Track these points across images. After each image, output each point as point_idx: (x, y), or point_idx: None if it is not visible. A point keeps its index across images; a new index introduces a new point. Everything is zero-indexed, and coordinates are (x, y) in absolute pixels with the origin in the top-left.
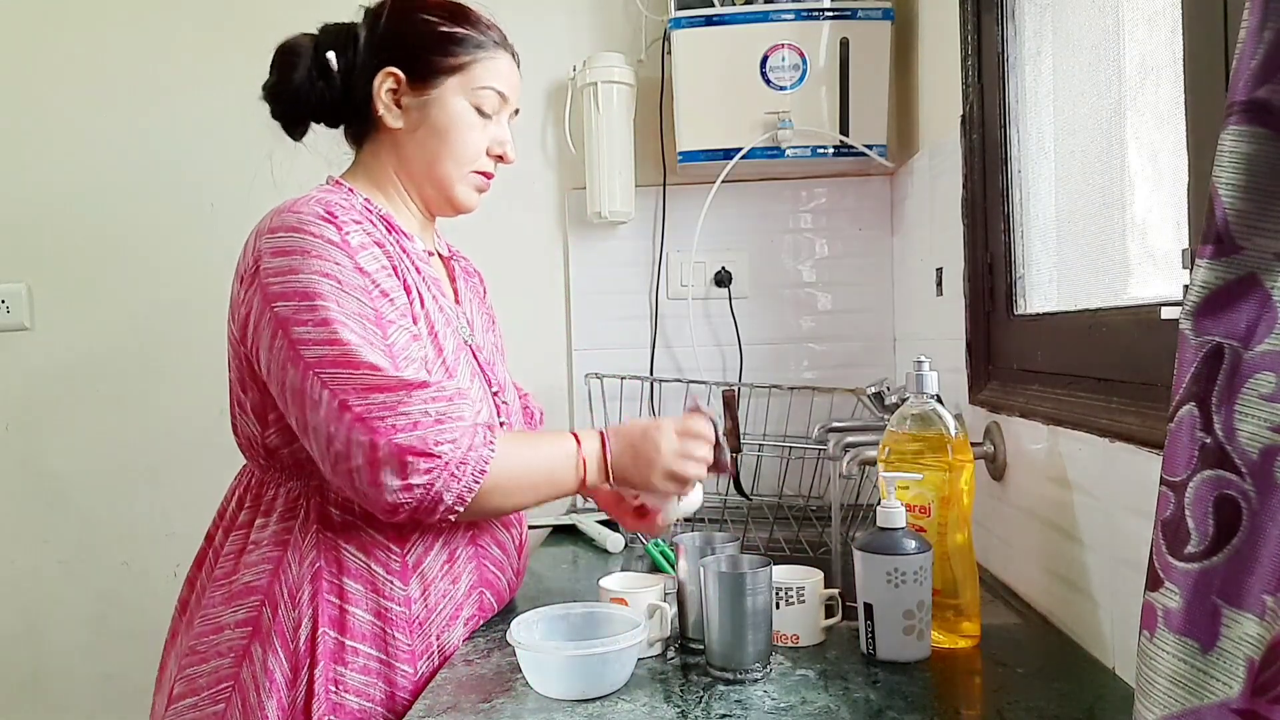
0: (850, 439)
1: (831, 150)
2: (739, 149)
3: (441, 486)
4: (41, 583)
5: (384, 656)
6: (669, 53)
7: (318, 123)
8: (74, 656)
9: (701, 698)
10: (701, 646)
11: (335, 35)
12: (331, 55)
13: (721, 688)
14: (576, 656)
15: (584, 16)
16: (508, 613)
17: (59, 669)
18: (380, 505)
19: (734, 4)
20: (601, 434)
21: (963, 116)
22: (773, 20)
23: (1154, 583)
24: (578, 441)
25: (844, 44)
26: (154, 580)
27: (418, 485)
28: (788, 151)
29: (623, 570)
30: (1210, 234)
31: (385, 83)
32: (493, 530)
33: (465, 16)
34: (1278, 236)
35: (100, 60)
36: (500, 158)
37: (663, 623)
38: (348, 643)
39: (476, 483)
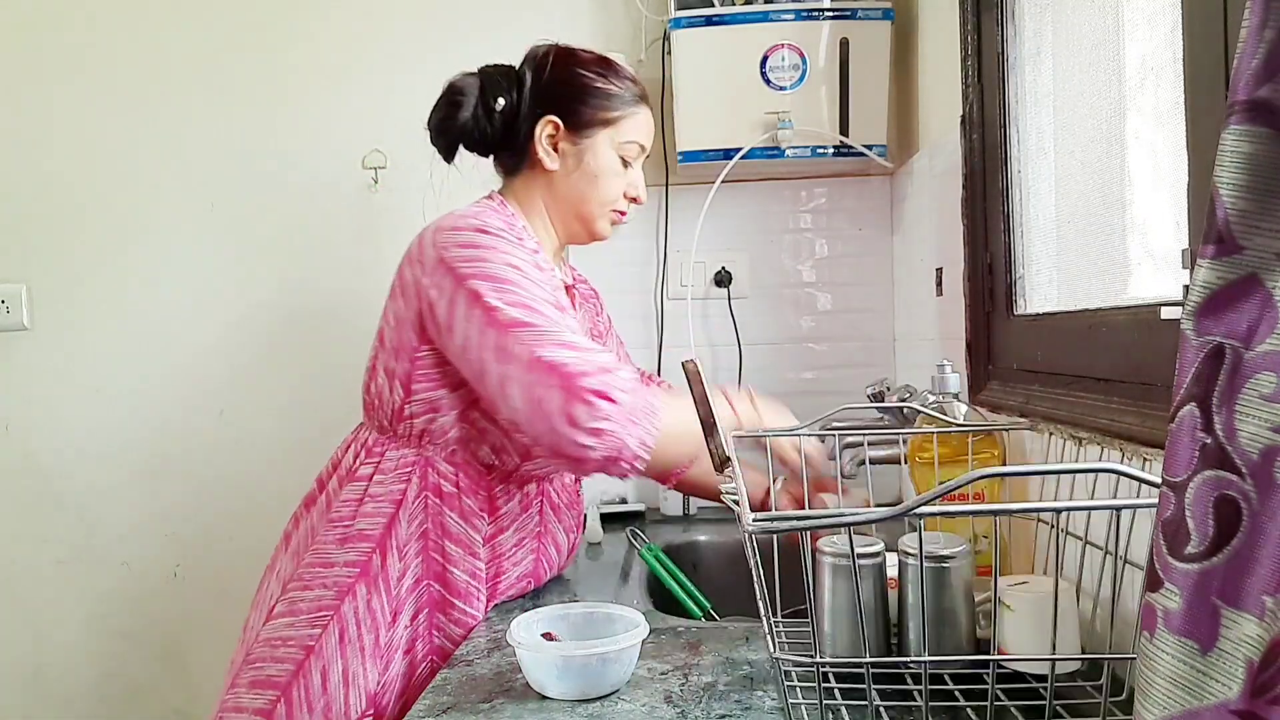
0: (850, 439)
1: (831, 150)
2: (739, 149)
3: (624, 431)
4: (41, 583)
5: (476, 614)
6: (669, 53)
7: (470, 151)
8: (74, 656)
9: (701, 698)
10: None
11: (500, 79)
12: (501, 101)
13: (722, 688)
14: (576, 656)
15: (584, 16)
16: (507, 612)
17: (59, 669)
18: (570, 446)
19: (734, 4)
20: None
21: (963, 116)
22: (773, 20)
23: (1154, 583)
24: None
25: (844, 44)
26: (154, 580)
27: (600, 427)
28: (788, 151)
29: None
30: (1211, 234)
31: (545, 129)
32: (555, 534)
33: (616, 72)
34: (1279, 236)
35: (100, 60)
36: (634, 199)
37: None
38: (449, 598)
39: (657, 428)
